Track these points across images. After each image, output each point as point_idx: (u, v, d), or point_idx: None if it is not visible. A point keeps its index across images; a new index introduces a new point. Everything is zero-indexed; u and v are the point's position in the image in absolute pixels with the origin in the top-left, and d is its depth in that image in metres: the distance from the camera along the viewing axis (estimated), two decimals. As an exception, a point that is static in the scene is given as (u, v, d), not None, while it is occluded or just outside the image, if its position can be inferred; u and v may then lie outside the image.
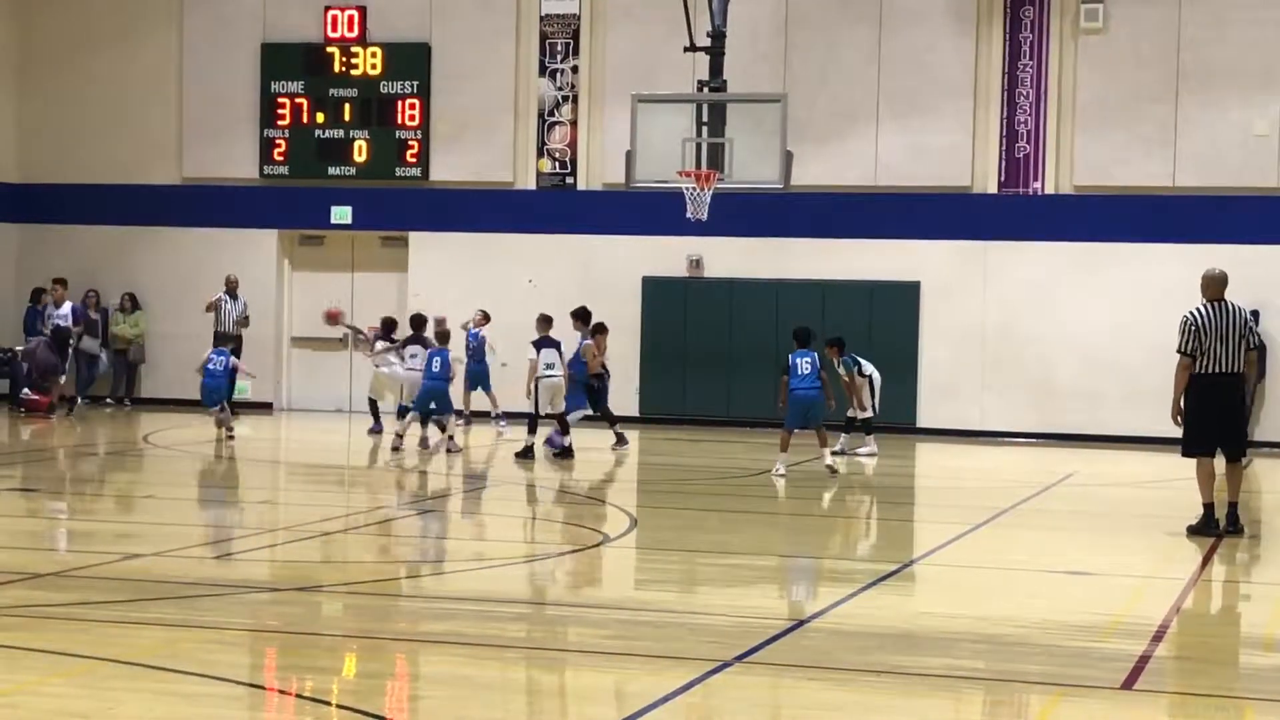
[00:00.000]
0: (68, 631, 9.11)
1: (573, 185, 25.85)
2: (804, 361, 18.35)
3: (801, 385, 18.27)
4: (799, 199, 23.93)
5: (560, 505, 16.71)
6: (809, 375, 18.29)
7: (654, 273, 25.31)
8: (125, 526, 14.44)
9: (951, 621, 10.07)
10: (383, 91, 26.22)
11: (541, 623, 10.18)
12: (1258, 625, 10.83)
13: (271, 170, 26.64)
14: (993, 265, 24.51)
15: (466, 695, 8.13)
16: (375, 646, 9.16)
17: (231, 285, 25.60)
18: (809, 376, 18.29)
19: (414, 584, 11.65)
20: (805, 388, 18.28)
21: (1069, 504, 17.15)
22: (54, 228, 27.31)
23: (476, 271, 25.83)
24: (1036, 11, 24.32)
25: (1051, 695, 8.39)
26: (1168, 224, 23.81)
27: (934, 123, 24.54)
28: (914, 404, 24.21)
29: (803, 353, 18.44)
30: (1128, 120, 24.02)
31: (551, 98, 25.81)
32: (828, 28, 24.85)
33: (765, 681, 8.61)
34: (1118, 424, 23.69)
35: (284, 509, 16.02)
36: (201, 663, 8.46)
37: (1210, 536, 13.86)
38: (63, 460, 20.09)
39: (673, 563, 12.97)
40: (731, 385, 24.99)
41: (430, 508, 16.32)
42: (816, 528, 15.54)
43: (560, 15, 25.76)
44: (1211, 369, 13.91)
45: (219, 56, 26.77)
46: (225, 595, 10.52)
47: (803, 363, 18.34)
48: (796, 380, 18.28)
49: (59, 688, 7.99)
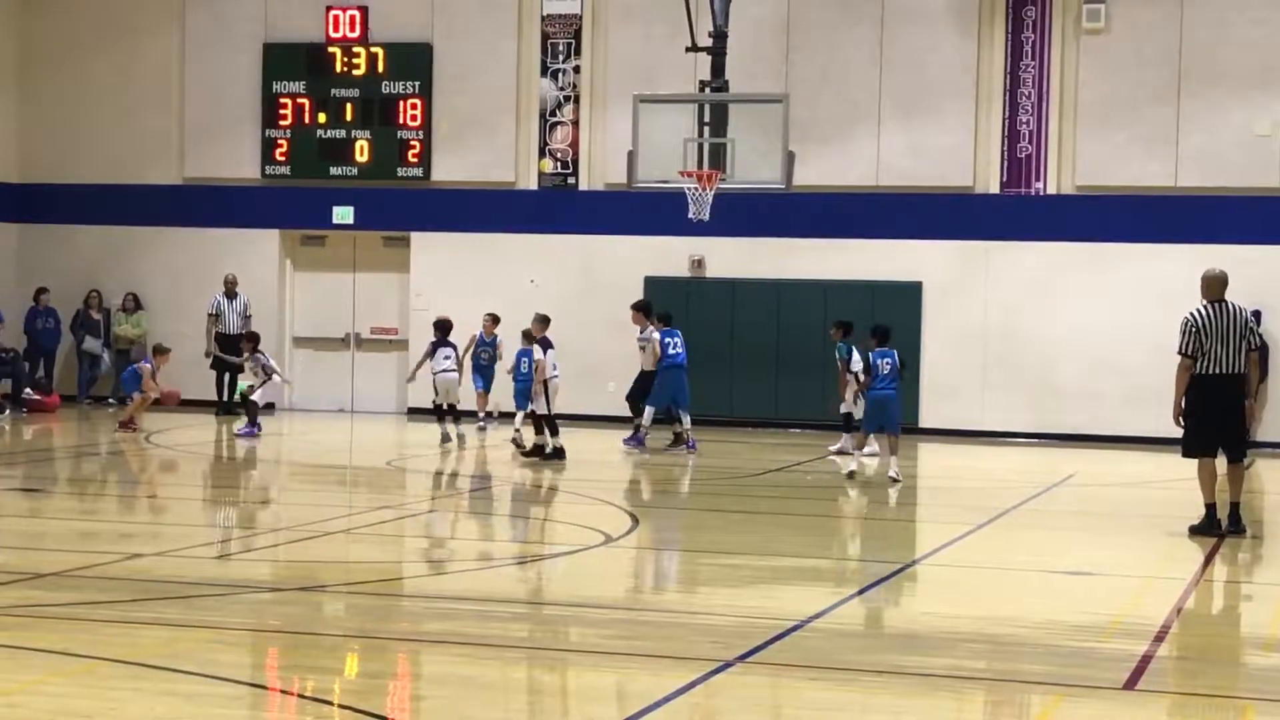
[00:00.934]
0: (69, 631, 9.11)
1: (574, 185, 25.85)
2: (884, 361, 18.08)
3: (880, 385, 18.06)
4: (801, 199, 23.92)
5: (562, 505, 16.70)
6: (888, 375, 18.06)
7: (656, 273, 25.30)
8: (127, 526, 14.45)
9: (953, 621, 10.07)
10: (384, 91, 26.21)
11: (543, 622, 10.18)
12: (1259, 625, 10.82)
13: (273, 170, 26.64)
14: (994, 265, 24.50)
15: (468, 695, 8.13)
16: (377, 646, 9.17)
17: (230, 285, 25.63)
18: (887, 377, 18.06)
19: (415, 584, 11.65)
20: (884, 388, 18.07)
21: (1070, 504, 17.15)
22: (55, 228, 27.31)
23: (478, 272, 25.83)
24: (1038, 12, 24.31)
25: (1053, 695, 8.39)
26: (1169, 224, 23.80)
27: (936, 123, 24.53)
28: (916, 404, 24.17)
29: (883, 352, 18.15)
30: (1129, 120, 24.01)
31: (553, 98, 25.81)
32: (829, 28, 24.84)
33: (767, 681, 8.60)
34: (1119, 424, 23.68)
35: (286, 508, 16.02)
36: (203, 662, 8.46)
37: (1212, 537, 13.85)
38: (64, 460, 20.10)
39: (674, 563, 12.97)
40: (733, 385, 24.97)
41: (432, 507, 16.32)
42: (818, 528, 15.53)
43: (562, 15, 25.76)
44: (1212, 370, 13.90)
45: (220, 56, 26.77)
46: (227, 595, 10.52)
47: (883, 363, 18.07)
48: (878, 380, 18.02)
49: (60, 687, 7.99)
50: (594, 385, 24.85)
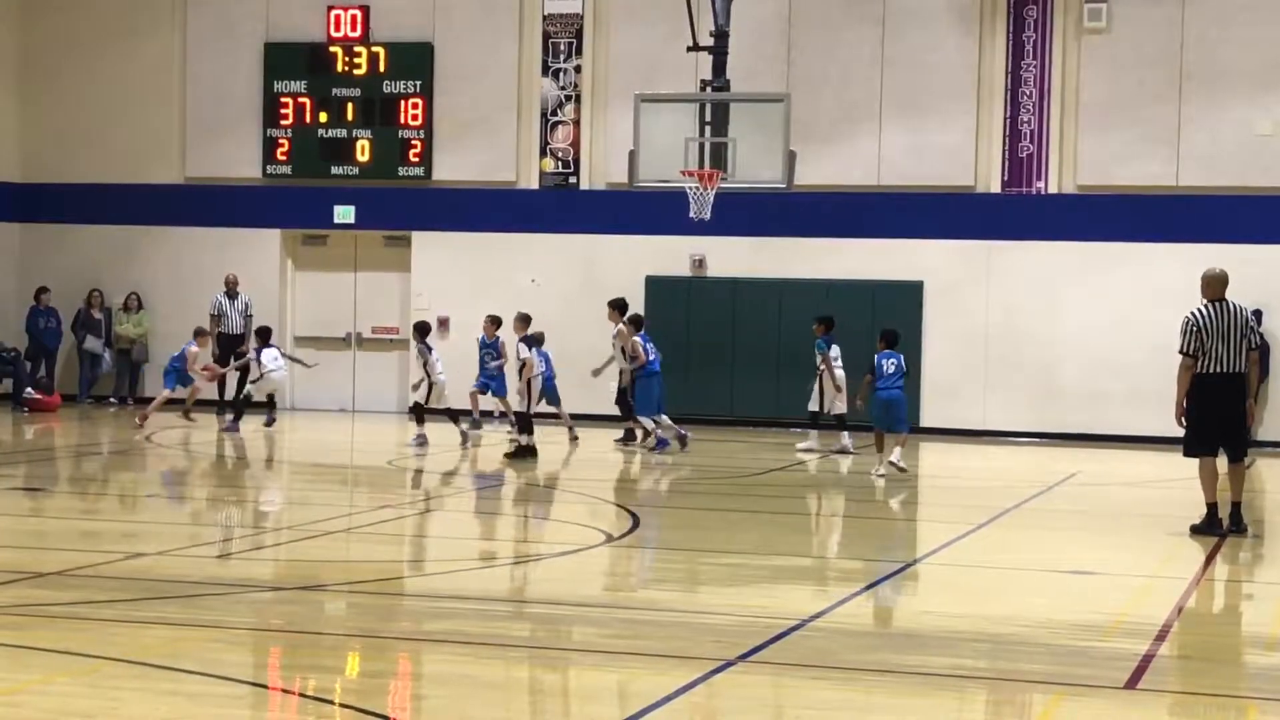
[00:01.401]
0: (71, 630, 9.12)
1: (576, 185, 25.85)
2: (889, 362, 18.51)
3: (884, 385, 18.44)
4: (802, 199, 23.91)
5: (562, 504, 16.71)
6: (893, 375, 18.45)
7: (657, 272, 25.30)
8: (129, 525, 14.45)
9: (954, 621, 10.07)
10: (385, 91, 26.22)
11: (544, 622, 10.18)
12: (1260, 625, 10.83)
13: (274, 170, 26.64)
14: (996, 265, 24.50)
15: (469, 694, 8.14)
16: (378, 645, 9.17)
17: (231, 285, 25.64)
18: (892, 377, 18.45)
19: (416, 583, 11.65)
20: (888, 388, 18.44)
21: (1072, 504, 17.15)
22: (56, 227, 27.32)
23: (479, 271, 25.83)
24: (1040, 11, 24.31)
25: (1054, 695, 8.40)
26: (1171, 223, 23.80)
27: (937, 122, 24.53)
28: (917, 404, 24.13)
29: (888, 354, 18.59)
30: (1131, 120, 24.01)
31: (554, 97, 25.81)
32: (831, 27, 24.84)
33: (768, 681, 8.61)
34: (1120, 424, 23.68)
35: (287, 508, 16.02)
36: (205, 662, 8.46)
37: (1213, 536, 13.86)
38: (66, 459, 20.11)
39: (675, 562, 12.97)
40: (734, 385, 24.98)
41: (432, 507, 16.32)
42: (819, 527, 15.54)
43: (563, 15, 25.76)
44: (1213, 369, 13.91)
45: (222, 56, 26.78)
46: (229, 594, 10.53)
47: (888, 363, 18.50)
48: (881, 380, 18.44)
49: (63, 687, 7.99)
50: (595, 385, 24.86)
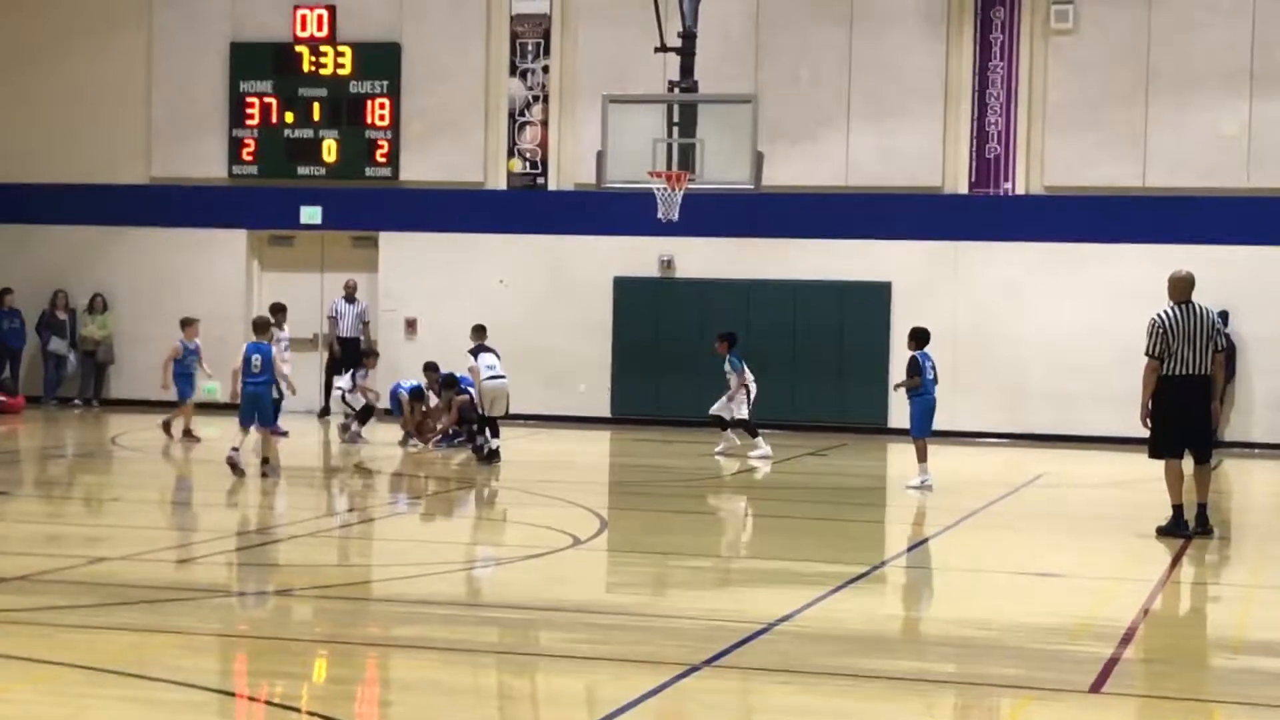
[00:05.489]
0: (33, 637, 9.05)
1: (544, 185, 25.81)
2: (928, 364, 17.68)
3: (926, 391, 17.58)
4: (770, 199, 23.93)
5: (529, 507, 16.66)
6: (932, 379, 17.69)
7: (625, 273, 25.29)
8: (92, 530, 14.36)
9: (921, 624, 10.08)
10: (352, 91, 26.14)
11: (511, 627, 10.15)
12: (1226, 627, 10.85)
13: (241, 170, 26.54)
14: (963, 266, 24.55)
15: (437, 700, 8.11)
16: (345, 651, 9.13)
17: (350, 289, 25.82)
18: (932, 381, 17.68)
19: (384, 588, 11.60)
20: (929, 393, 17.63)
21: (1039, 505, 17.19)
22: (20, 227, 27.14)
23: (447, 271, 25.78)
24: (1007, 13, 24.37)
25: (1022, 698, 8.40)
26: (1138, 224, 23.87)
27: (905, 123, 24.57)
28: (885, 405, 24.19)
29: (926, 355, 17.73)
30: (1098, 121, 24.08)
31: (522, 98, 25.77)
32: (799, 29, 24.86)
33: (735, 685, 8.60)
34: (1088, 424, 23.74)
35: (252, 512, 15.95)
36: (170, 668, 8.42)
37: (1179, 538, 13.90)
38: (30, 462, 19.98)
39: (642, 565, 12.95)
40: (703, 386, 24.90)
41: (398, 511, 16.27)
42: (786, 530, 15.53)
43: (531, 15, 25.72)
44: (1179, 371, 13.95)
45: (188, 56, 26.66)
46: (193, 600, 10.47)
47: (927, 365, 17.67)
48: (926, 384, 17.57)
49: (24, 694, 7.94)
50: (564, 386, 24.86)
